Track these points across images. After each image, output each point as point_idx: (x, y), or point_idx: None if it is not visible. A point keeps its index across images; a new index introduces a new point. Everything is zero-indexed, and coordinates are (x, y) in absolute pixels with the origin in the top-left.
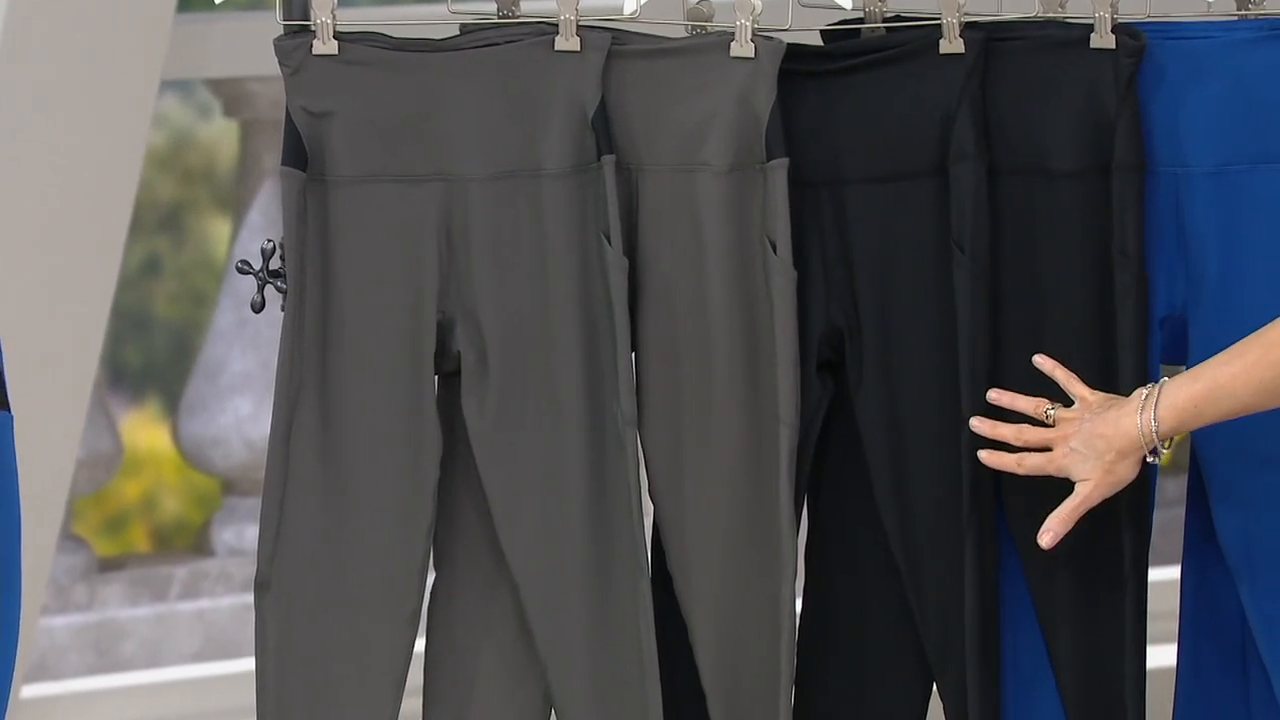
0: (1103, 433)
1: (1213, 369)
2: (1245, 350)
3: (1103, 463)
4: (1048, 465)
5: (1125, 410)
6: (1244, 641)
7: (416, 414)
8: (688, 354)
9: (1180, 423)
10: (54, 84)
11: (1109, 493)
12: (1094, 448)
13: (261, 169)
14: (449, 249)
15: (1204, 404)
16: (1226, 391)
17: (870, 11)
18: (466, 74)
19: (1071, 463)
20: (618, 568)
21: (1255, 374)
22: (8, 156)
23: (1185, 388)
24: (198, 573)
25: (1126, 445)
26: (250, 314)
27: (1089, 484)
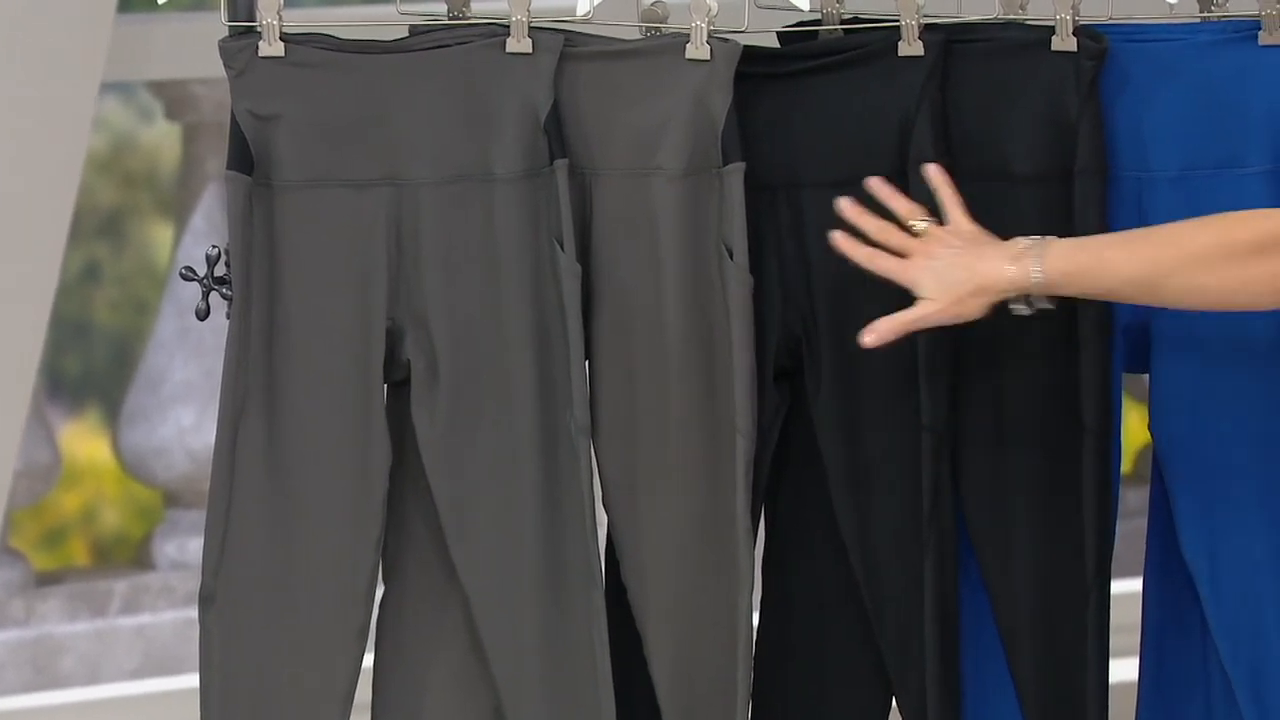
0: (967, 263)
1: (1099, 244)
2: (1137, 238)
3: (955, 291)
4: (900, 272)
5: (998, 251)
6: (1206, 655)
7: (365, 423)
8: (642, 362)
9: (1054, 284)
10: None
11: (947, 322)
12: (953, 275)
13: (205, 173)
14: (398, 254)
15: (1083, 274)
16: (1110, 271)
17: (828, 13)
18: (416, 76)
19: (923, 277)
20: (571, 579)
21: (1137, 265)
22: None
23: (1072, 253)
24: (138, 587)
25: (987, 284)
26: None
27: (933, 306)
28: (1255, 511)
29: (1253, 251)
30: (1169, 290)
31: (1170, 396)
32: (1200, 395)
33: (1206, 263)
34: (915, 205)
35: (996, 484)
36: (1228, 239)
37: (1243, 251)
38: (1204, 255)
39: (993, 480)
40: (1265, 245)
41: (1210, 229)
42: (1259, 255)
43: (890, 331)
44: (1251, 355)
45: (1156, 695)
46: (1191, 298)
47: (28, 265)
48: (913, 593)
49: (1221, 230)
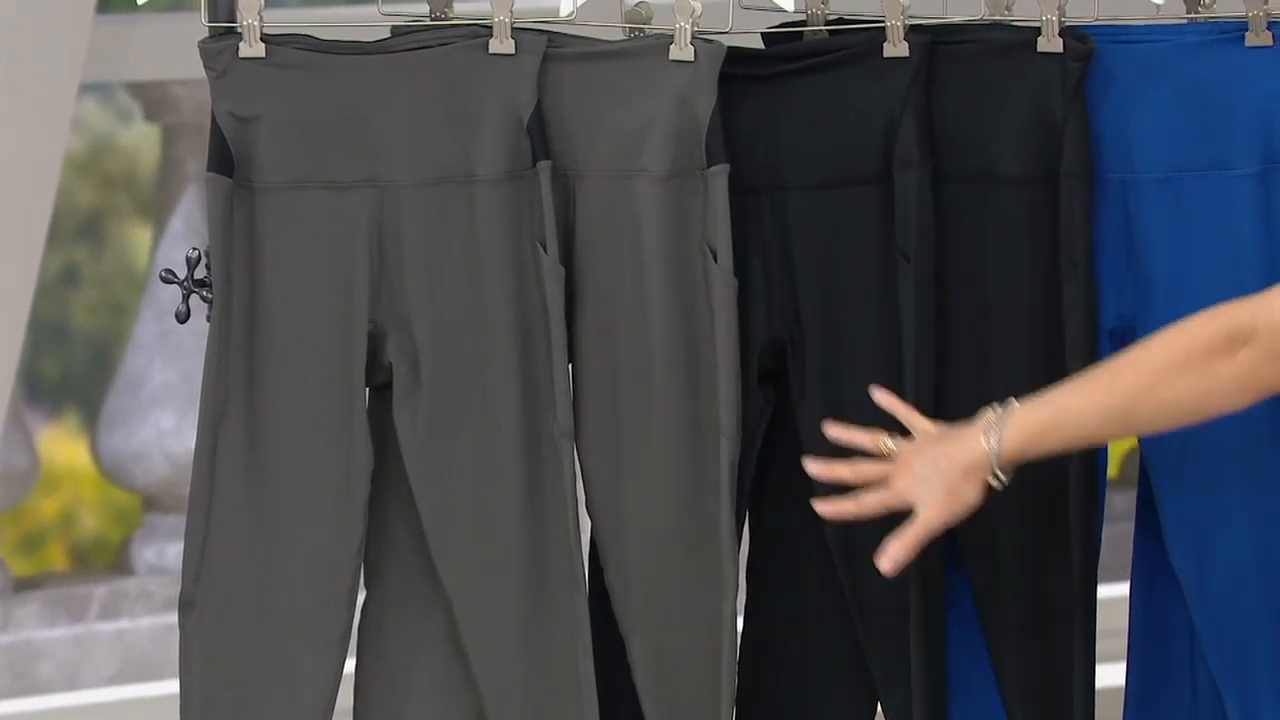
0: (949, 452)
1: (1061, 395)
2: (1094, 377)
3: (946, 483)
4: (890, 499)
5: (972, 430)
6: (1193, 660)
7: (347, 427)
8: (626, 365)
9: (1022, 447)
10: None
11: (952, 517)
12: (938, 468)
13: (184, 175)
14: (380, 257)
15: (1050, 429)
16: (1074, 418)
17: (812, 14)
18: (398, 77)
19: (912, 487)
20: (554, 584)
21: (1101, 400)
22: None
23: (1033, 412)
24: (117, 592)
25: (970, 464)
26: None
27: (932, 507)
28: (1243, 515)
29: (1209, 355)
30: (1142, 416)
31: None
32: None
33: (1168, 379)
34: (874, 433)
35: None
36: (1181, 350)
37: (1199, 358)
38: (1163, 371)
39: None
40: (1218, 346)
41: (1161, 346)
42: (1216, 358)
43: (904, 551)
44: None
45: (1143, 701)
46: (1164, 418)
47: (5, 267)
48: (898, 597)
49: (1172, 344)
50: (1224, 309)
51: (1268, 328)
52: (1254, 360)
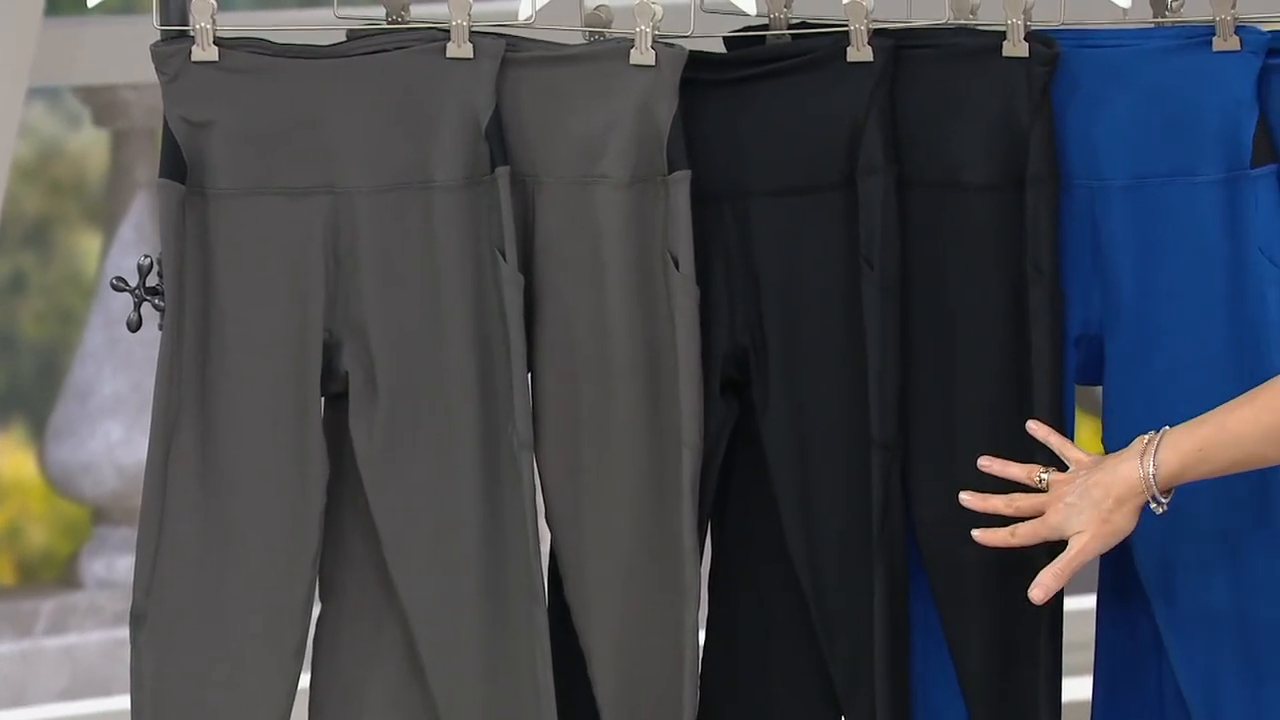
0: (1100, 480)
1: (1220, 413)
2: (1255, 396)
3: (1099, 511)
4: (1041, 529)
5: (1125, 455)
6: (1161, 673)
7: (302, 437)
8: (586, 374)
9: (1183, 467)
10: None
11: (1105, 545)
12: (1090, 496)
13: (134, 181)
14: (336, 265)
15: (1209, 448)
16: (1232, 436)
17: (775, 18)
18: (354, 82)
19: (1066, 517)
20: (512, 597)
21: (1264, 418)
22: None
23: (1190, 431)
24: (65, 606)
25: (1125, 491)
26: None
27: (1085, 535)
28: (1210, 525)
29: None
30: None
31: (1124, 410)
32: (1155, 408)
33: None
34: (1030, 466)
35: (947, 499)
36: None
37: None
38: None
39: (943, 495)
40: None
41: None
42: None
43: (1057, 581)
44: (1206, 368)
45: (1110, 714)
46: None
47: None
48: (862, 611)
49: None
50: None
51: None
52: None
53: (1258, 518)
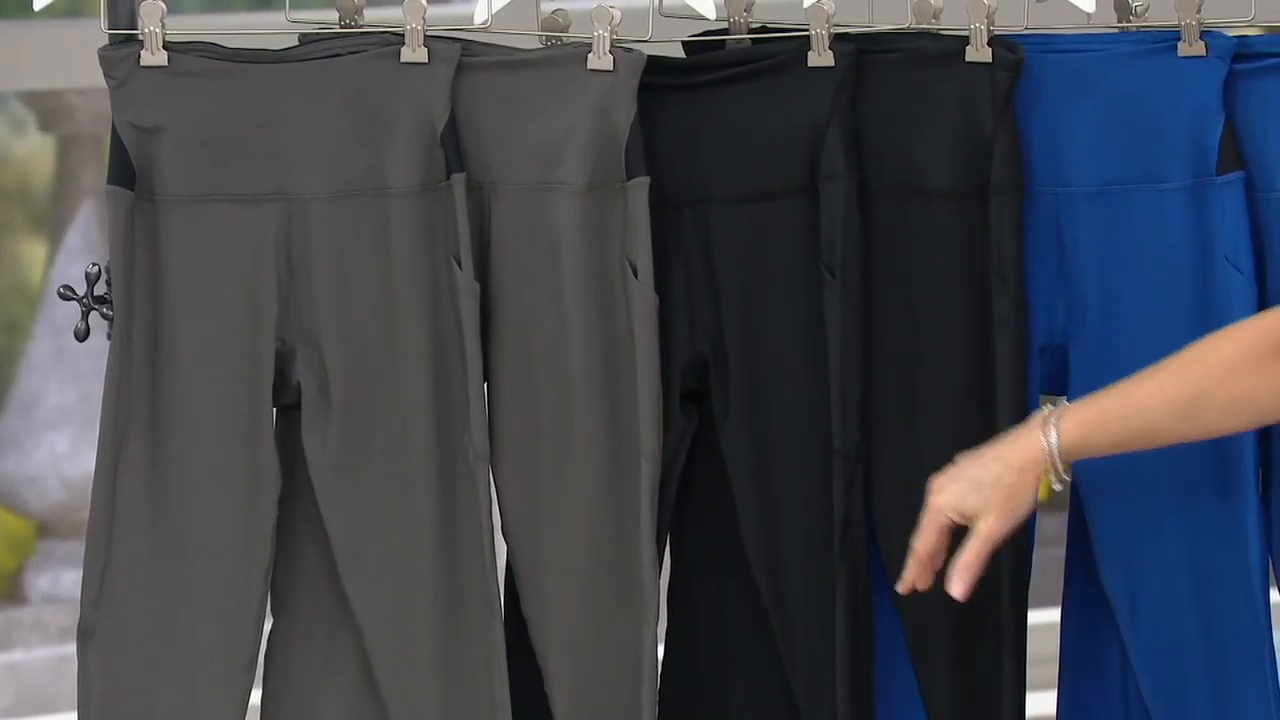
0: (999, 454)
1: (1124, 386)
2: (1160, 369)
3: (1001, 486)
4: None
5: (1027, 428)
6: (1126, 687)
7: (253, 449)
8: (543, 384)
9: (1085, 438)
10: None
11: (1010, 523)
12: (990, 470)
13: (80, 188)
14: (288, 273)
15: (1112, 420)
16: (1136, 407)
17: (735, 22)
18: (306, 87)
19: (963, 497)
20: (468, 611)
21: (1167, 391)
22: None
23: (1094, 403)
24: (10, 622)
25: (1026, 463)
26: (68, 344)
27: (990, 517)
28: (1176, 539)
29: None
30: (1210, 411)
31: None
32: None
33: (1239, 373)
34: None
35: (910, 510)
36: (1252, 345)
37: (1271, 353)
38: (1235, 364)
39: (906, 506)
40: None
41: (1234, 338)
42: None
43: (971, 572)
44: None
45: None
46: (1232, 415)
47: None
48: (824, 624)
49: (1246, 336)
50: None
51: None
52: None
53: (1224, 531)
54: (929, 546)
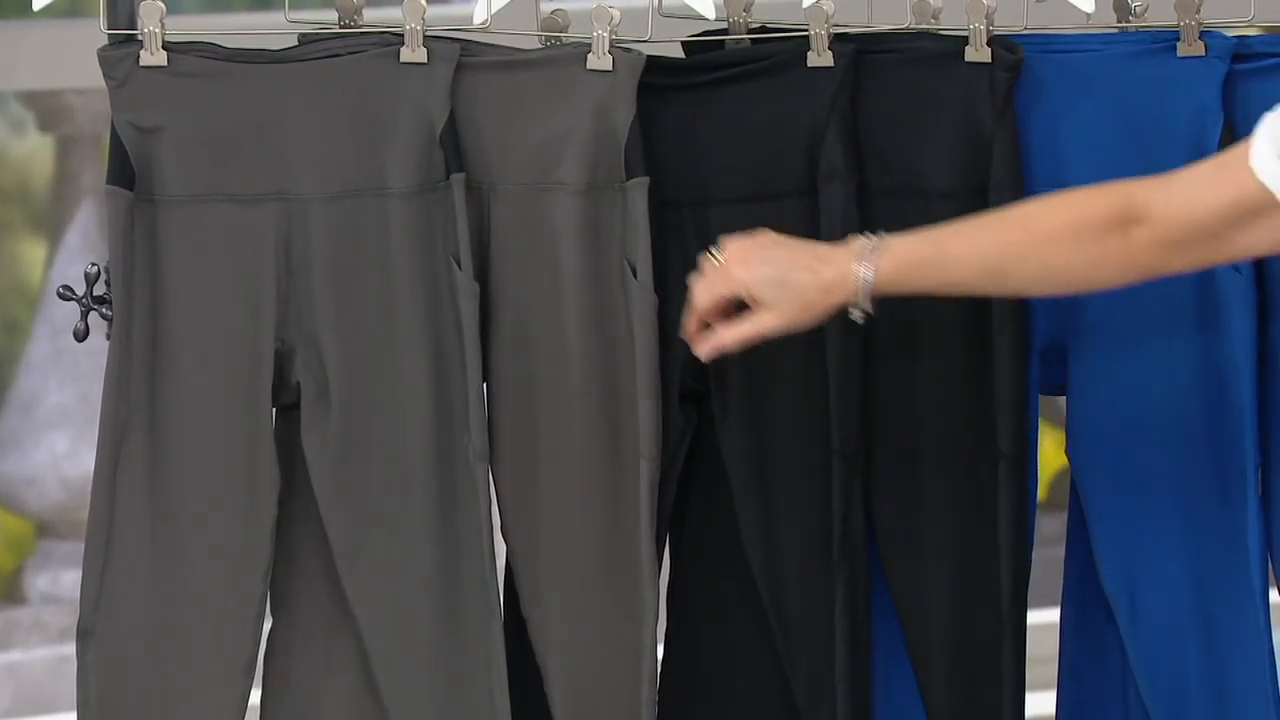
0: (809, 265)
1: (944, 235)
2: (982, 224)
3: (801, 296)
4: (720, 280)
5: (843, 252)
6: (1125, 687)
7: (253, 449)
8: (543, 384)
9: (896, 280)
10: None
11: (793, 329)
12: (796, 278)
13: (80, 188)
14: (288, 273)
15: (926, 268)
16: (951, 260)
17: (734, 22)
18: (306, 87)
19: (762, 285)
20: (468, 611)
21: (984, 250)
22: None
23: (912, 246)
24: (9, 622)
25: (834, 284)
26: (67, 344)
27: (778, 315)
28: (1176, 538)
29: (1103, 228)
30: (1020, 277)
31: (1088, 420)
32: (1119, 419)
33: (1055, 244)
34: (704, 255)
35: (909, 511)
36: (1074, 217)
37: (1091, 229)
38: (1054, 236)
39: (906, 507)
40: (1113, 221)
41: (1054, 209)
42: (1109, 232)
43: (731, 344)
44: (1171, 378)
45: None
46: (1042, 282)
47: None
48: (823, 623)
49: (1066, 209)
50: (1125, 185)
51: (1166, 215)
52: (1145, 242)
53: (1224, 532)
54: (709, 306)
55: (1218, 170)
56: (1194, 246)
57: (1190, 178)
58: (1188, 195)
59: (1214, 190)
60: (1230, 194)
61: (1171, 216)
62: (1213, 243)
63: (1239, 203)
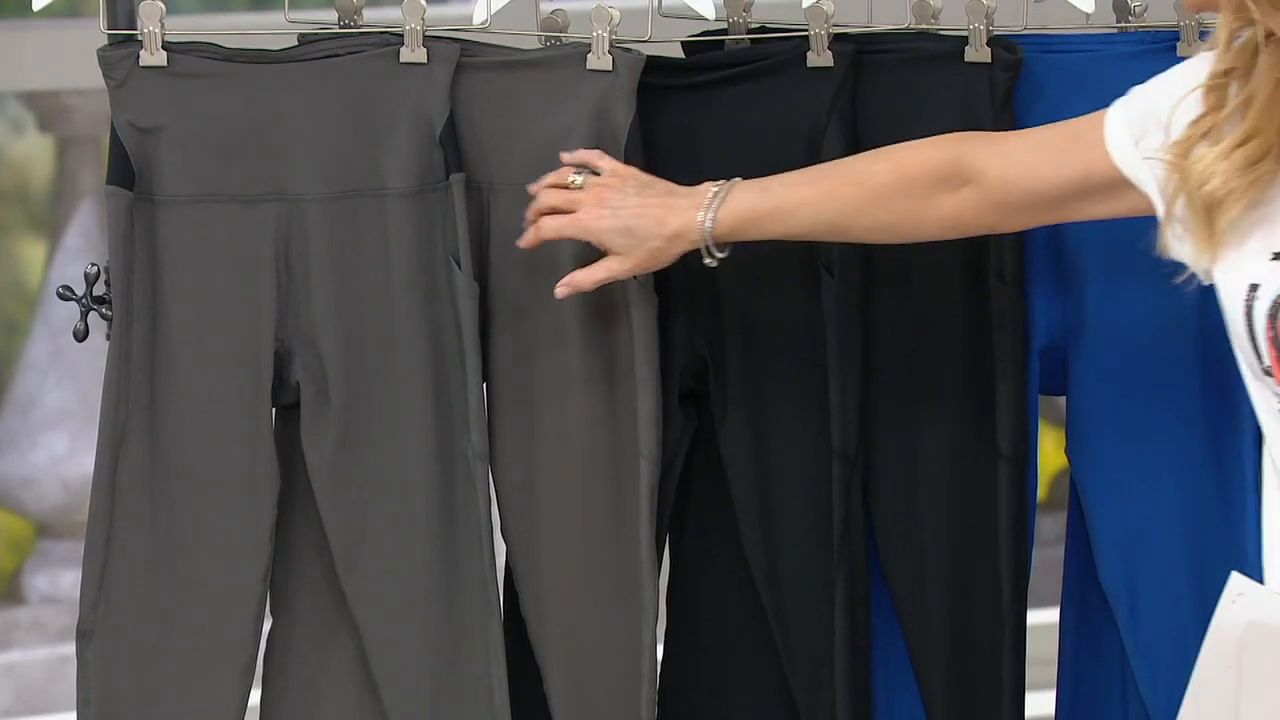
0: (657, 214)
1: (784, 187)
2: (820, 178)
3: (647, 245)
4: (570, 226)
5: (690, 201)
6: (1125, 687)
7: (253, 449)
8: (542, 384)
9: (736, 229)
10: None
11: (641, 271)
12: (644, 225)
13: (79, 188)
14: (287, 273)
15: (766, 219)
16: (790, 212)
17: (734, 22)
18: (305, 87)
19: (610, 232)
20: (467, 611)
21: (819, 205)
22: None
23: (752, 198)
24: (9, 622)
25: (680, 231)
26: (66, 344)
27: (627, 260)
28: (1175, 538)
29: (931, 185)
30: (856, 230)
31: (1088, 420)
32: (1119, 419)
33: (886, 200)
34: (562, 170)
35: (909, 511)
36: (906, 173)
37: (921, 186)
38: (884, 192)
39: (906, 507)
40: (942, 178)
41: (887, 164)
42: (937, 189)
43: (584, 284)
44: (1171, 377)
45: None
46: (877, 235)
47: None
48: (823, 624)
49: (898, 164)
50: (957, 140)
51: (1003, 180)
52: (973, 202)
53: (1224, 532)
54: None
55: (1067, 143)
56: (1029, 211)
57: (1034, 144)
58: (1029, 163)
59: (1060, 162)
60: (1078, 168)
61: (1010, 182)
62: (1049, 209)
63: (1086, 178)
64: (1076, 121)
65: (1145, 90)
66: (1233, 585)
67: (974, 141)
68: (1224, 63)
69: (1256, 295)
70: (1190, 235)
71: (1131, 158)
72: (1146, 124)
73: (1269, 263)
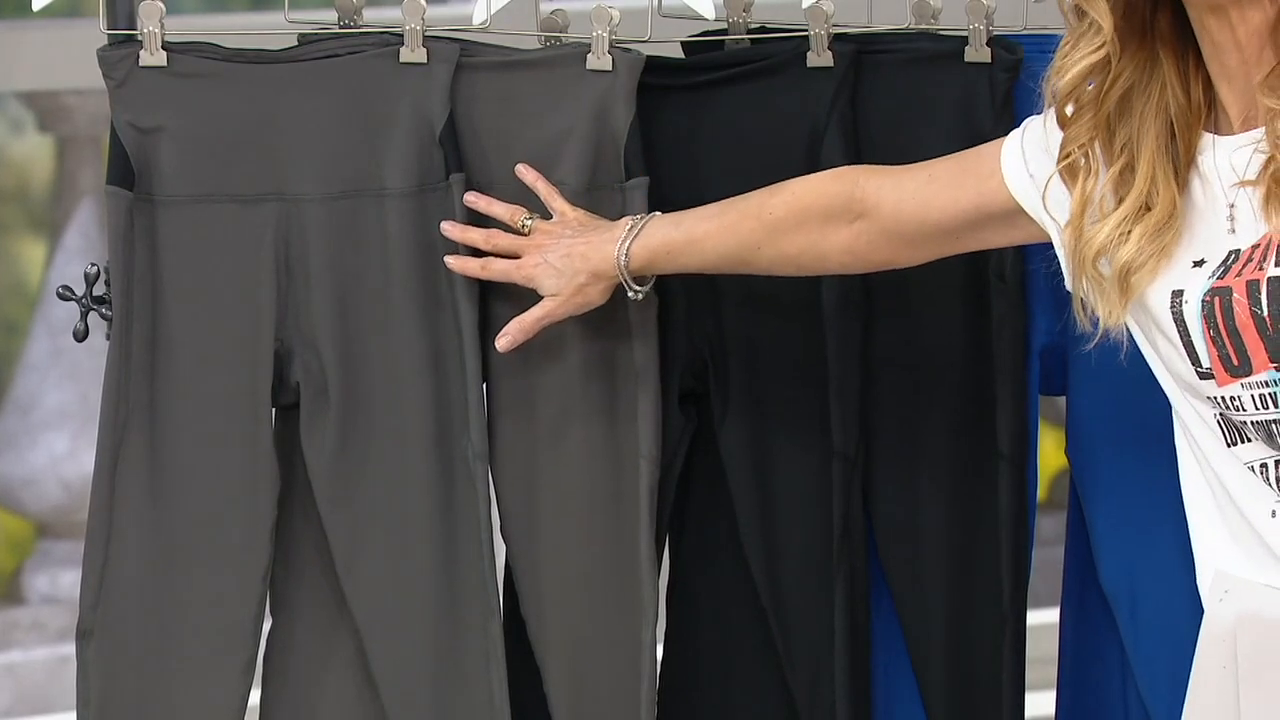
0: (582, 252)
1: (693, 220)
2: (723, 212)
3: (574, 282)
4: (514, 271)
5: (608, 236)
6: (1125, 687)
7: (252, 449)
8: (542, 384)
9: (649, 263)
10: None
11: (574, 311)
12: (570, 265)
13: (79, 188)
14: (287, 273)
15: (678, 252)
16: (698, 247)
17: (734, 22)
18: (305, 87)
19: (542, 275)
20: (467, 611)
21: (725, 240)
22: None
23: (665, 233)
24: (8, 622)
25: (600, 268)
26: (66, 344)
27: (556, 300)
28: (1176, 538)
29: (825, 218)
30: (760, 263)
31: (1088, 420)
32: (1119, 419)
33: (786, 234)
34: (515, 206)
35: (909, 511)
36: (801, 207)
37: (816, 219)
38: (782, 226)
39: (906, 507)
40: (835, 212)
41: (785, 199)
42: (831, 223)
43: (521, 333)
44: None
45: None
46: (781, 268)
47: None
48: (823, 624)
49: (796, 198)
50: (854, 172)
51: (889, 210)
52: (868, 236)
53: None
54: (489, 273)
55: (963, 174)
56: (928, 243)
57: (930, 176)
58: (925, 195)
59: (957, 194)
60: (974, 199)
61: (905, 215)
62: (947, 240)
63: (981, 208)
64: (973, 151)
65: (1039, 120)
66: (1217, 582)
67: (871, 174)
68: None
69: (1184, 299)
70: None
71: (1027, 188)
72: (1038, 154)
73: (1190, 270)
